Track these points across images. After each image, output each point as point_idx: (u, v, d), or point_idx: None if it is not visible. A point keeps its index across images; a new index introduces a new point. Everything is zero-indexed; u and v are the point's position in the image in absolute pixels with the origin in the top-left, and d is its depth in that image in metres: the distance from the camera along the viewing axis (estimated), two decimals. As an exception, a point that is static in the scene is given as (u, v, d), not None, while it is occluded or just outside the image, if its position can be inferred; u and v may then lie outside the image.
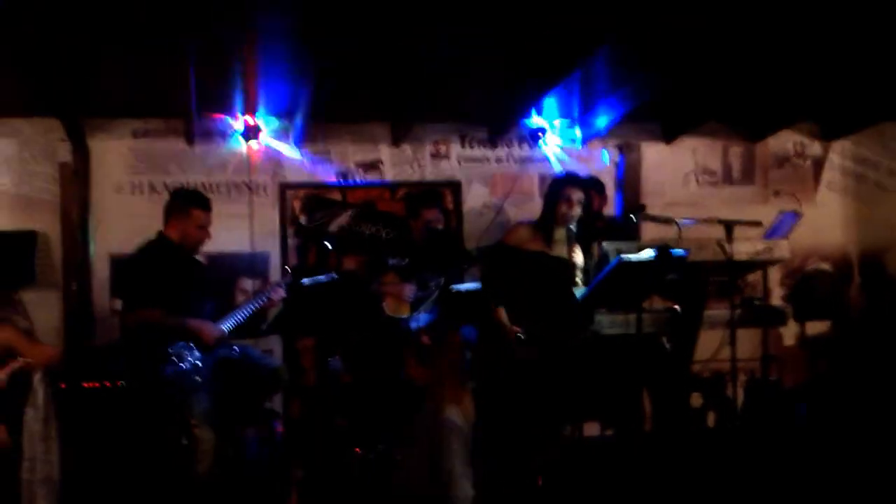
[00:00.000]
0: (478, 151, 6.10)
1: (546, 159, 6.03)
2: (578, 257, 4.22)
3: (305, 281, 4.10)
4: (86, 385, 4.35)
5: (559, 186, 4.24)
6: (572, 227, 4.15)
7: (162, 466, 4.04)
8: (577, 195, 4.14)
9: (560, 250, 4.19)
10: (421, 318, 5.03)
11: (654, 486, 4.16)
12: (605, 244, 4.25)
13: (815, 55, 4.88)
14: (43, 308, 5.29)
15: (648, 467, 4.39)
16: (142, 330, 4.11)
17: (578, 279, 4.22)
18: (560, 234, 4.19)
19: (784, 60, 4.92)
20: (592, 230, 4.70)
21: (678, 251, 4.03)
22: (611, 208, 5.94)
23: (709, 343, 4.63)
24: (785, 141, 6.57)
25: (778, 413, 5.43)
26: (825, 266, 6.48)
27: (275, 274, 5.51)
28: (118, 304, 4.80)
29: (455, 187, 6.04)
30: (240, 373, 4.31)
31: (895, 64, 5.06)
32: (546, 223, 4.21)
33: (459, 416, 3.28)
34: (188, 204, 4.34)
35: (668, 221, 4.30)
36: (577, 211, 4.13)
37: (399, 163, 5.96)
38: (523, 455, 4.21)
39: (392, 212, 5.85)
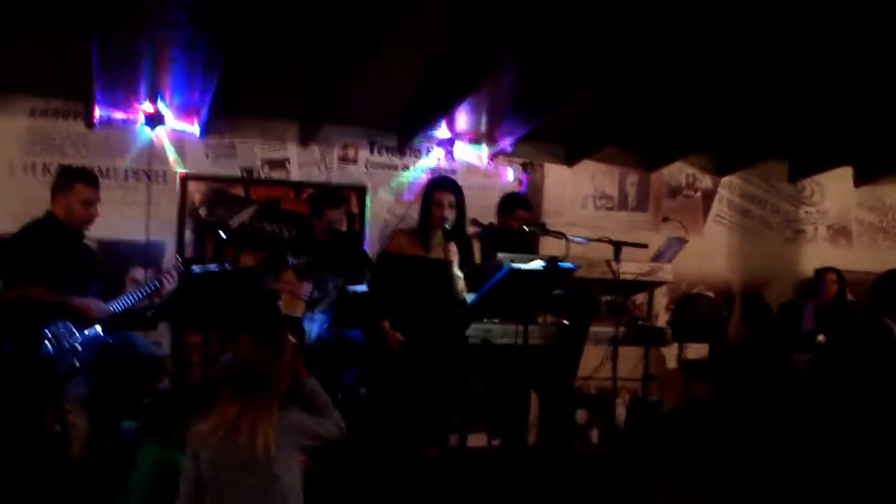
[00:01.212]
0: (386, 158, 6.16)
1: (453, 171, 6.11)
2: (453, 254, 4.32)
3: (195, 268, 4.04)
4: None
5: (430, 191, 4.31)
6: (447, 226, 4.23)
7: (32, 450, 3.90)
8: (447, 198, 4.21)
9: (438, 253, 4.26)
10: (317, 318, 5.06)
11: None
12: (500, 255, 4.38)
13: (708, 91, 5.17)
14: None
15: (532, 479, 4.52)
16: (19, 309, 3.94)
17: (457, 273, 4.30)
18: (438, 237, 4.27)
19: (679, 94, 5.20)
20: (499, 239, 4.83)
21: (566, 264, 4.18)
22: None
23: (595, 359, 4.80)
24: (678, 172, 6.90)
25: (657, 432, 5.67)
26: (708, 292, 6.81)
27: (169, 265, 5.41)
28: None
29: (361, 192, 6.08)
30: (120, 359, 4.19)
31: (783, 106, 5.41)
32: (422, 228, 4.28)
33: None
34: (72, 178, 4.20)
35: (559, 236, 4.45)
36: (449, 213, 4.20)
37: (306, 163, 5.96)
38: (406, 459, 4.26)
39: (296, 211, 5.83)
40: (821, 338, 6.06)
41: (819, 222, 7.32)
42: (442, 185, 4.34)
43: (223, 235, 4.81)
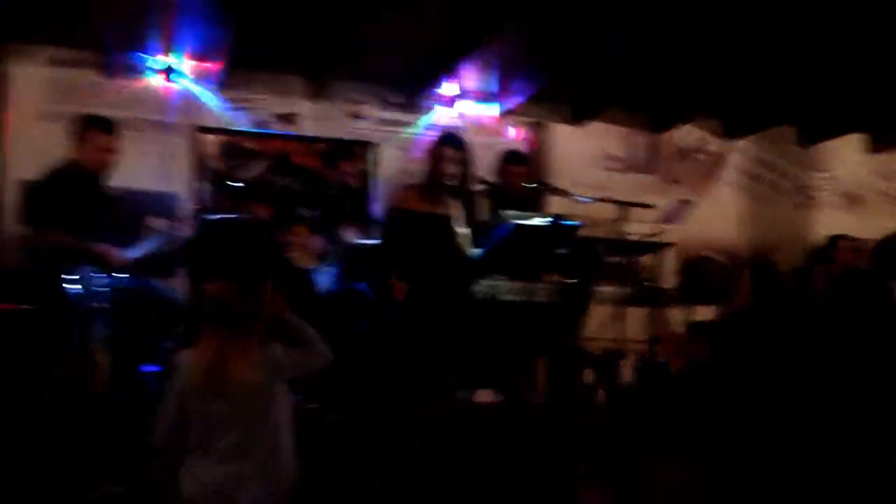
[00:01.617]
0: (395, 115, 6.21)
1: (460, 129, 6.07)
2: (458, 211, 4.38)
3: (211, 217, 4.15)
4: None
5: (436, 146, 4.35)
6: (453, 183, 4.28)
7: (59, 387, 4.02)
8: (452, 153, 4.26)
9: (443, 209, 4.31)
10: (327, 271, 5.16)
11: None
12: (506, 212, 4.43)
13: (717, 53, 5.15)
14: (-51, 230, 5.16)
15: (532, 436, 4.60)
16: (45, 252, 4.10)
17: (461, 230, 4.36)
18: (444, 193, 4.31)
19: (686, 54, 5.18)
20: (505, 198, 4.88)
21: (571, 221, 4.24)
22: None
23: (601, 319, 4.85)
24: (688, 135, 6.90)
25: (664, 394, 5.74)
26: (717, 256, 6.82)
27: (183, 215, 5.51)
28: (24, 230, 4.73)
29: (370, 148, 6.14)
30: (141, 302, 4.33)
31: (794, 71, 5.39)
32: (429, 183, 4.33)
33: None
34: (89, 126, 4.32)
35: (564, 194, 4.47)
36: (455, 169, 4.25)
37: (317, 118, 6.02)
38: (410, 413, 4.37)
39: (307, 165, 5.92)
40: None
41: (830, 188, 7.31)
42: (449, 140, 4.38)
43: (236, 187, 4.90)
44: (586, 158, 6.66)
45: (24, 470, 3.54)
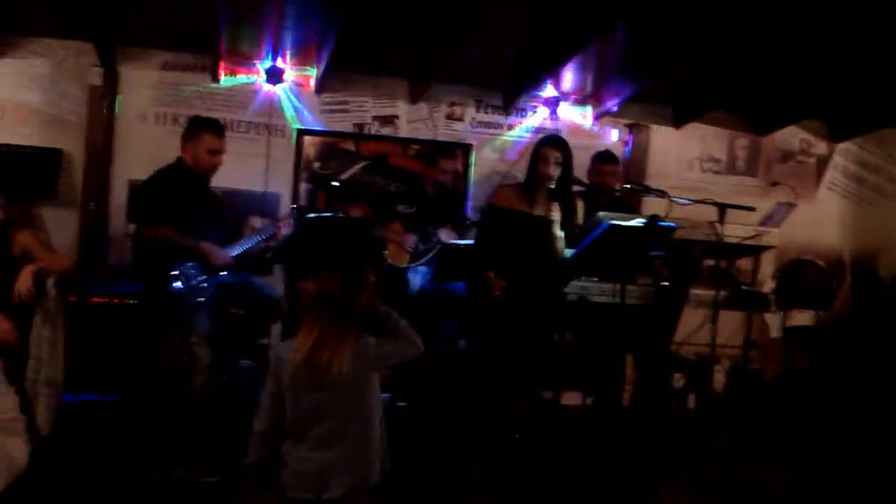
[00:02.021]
0: (491, 117, 6.24)
1: (557, 131, 6.11)
2: (556, 213, 4.38)
3: (311, 215, 4.27)
4: (95, 300, 4.51)
5: (537, 147, 4.38)
6: (552, 185, 4.28)
7: (161, 378, 4.21)
8: (554, 155, 4.27)
9: (541, 210, 4.33)
10: (420, 271, 5.24)
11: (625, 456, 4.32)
12: (601, 213, 4.42)
13: (824, 54, 4.99)
14: (61, 224, 5.43)
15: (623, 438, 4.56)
16: (152, 248, 4.28)
17: (558, 233, 4.36)
18: (542, 194, 4.33)
19: (793, 55, 5.03)
20: (600, 200, 4.86)
21: (667, 223, 4.18)
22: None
23: (695, 323, 4.76)
24: (791, 137, 6.71)
25: (756, 401, 5.60)
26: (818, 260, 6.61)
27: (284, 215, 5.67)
28: (132, 228, 4.96)
29: (466, 150, 6.19)
30: (240, 297, 4.49)
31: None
32: (529, 184, 4.36)
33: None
34: (199, 128, 4.49)
35: (661, 194, 4.41)
36: (555, 170, 4.26)
37: (414, 120, 6.11)
38: (503, 409, 4.40)
39: (403, 167, 6.02)
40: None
41: (937, 193, 7.00)
42: (550, 141, 4.42)
43: (333, 187, 5.03)
44: (685, 160, 6.57)
45: (128, 458, 3.74)
